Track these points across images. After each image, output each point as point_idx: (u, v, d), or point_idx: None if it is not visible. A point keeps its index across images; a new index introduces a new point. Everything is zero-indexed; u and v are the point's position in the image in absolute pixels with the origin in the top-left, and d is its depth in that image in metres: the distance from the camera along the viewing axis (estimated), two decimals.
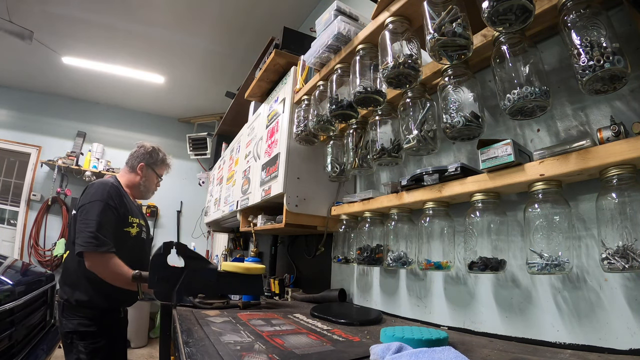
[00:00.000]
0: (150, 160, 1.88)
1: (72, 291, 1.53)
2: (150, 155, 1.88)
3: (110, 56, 3.78)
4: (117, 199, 1.62)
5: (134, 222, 1.70)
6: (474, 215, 0.95)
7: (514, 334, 0.94)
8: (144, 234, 1.79)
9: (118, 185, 1.73)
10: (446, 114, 0.94)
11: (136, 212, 1.76)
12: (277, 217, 1.76)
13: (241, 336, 0.93)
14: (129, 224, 1.66)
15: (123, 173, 1.88)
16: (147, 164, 1.86)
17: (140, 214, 1.81)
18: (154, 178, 1.91)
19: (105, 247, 1.46)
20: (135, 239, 1.69)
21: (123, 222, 1.63)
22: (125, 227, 1.64)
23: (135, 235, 1.69)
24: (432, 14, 0.85)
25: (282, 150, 1.65)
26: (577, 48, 0.68)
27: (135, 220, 1.70)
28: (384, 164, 1.22)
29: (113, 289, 1.51)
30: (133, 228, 1.68)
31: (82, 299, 1.51)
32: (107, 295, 1.55)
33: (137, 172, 1.84)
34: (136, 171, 1.84)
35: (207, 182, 4.11)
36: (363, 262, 1.27)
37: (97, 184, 1.64)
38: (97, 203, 1.54)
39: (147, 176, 1.87)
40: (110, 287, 1.51)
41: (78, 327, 1.50)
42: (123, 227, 1.63)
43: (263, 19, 3.15)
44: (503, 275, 0.98)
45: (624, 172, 0.68)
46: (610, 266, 0.68)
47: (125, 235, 1.63)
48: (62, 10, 3.09)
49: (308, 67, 1.61)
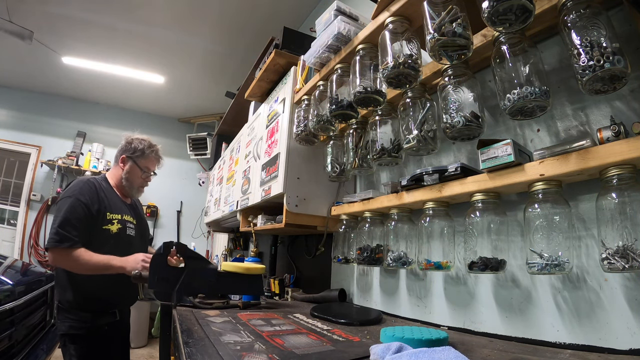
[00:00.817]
0: (130, 151, 1.73)
1: (62, 292, 1.52)
2: (130, 146, 1.74)
3: (110, 56, 3.78)
4: (90, 195, 1.55)
5: (114, 219, 1.60)
6: (474, 215, 0.95)
7: (514, 334, 0.94)
8: (131, 231, 1.69)
9: (98, 182, 1.65)
10: (446, 114, 0.94)
11: (119, 208, 1.66)
12: (277, 217, 1.76)
13: (241, 336, 0.93)
14: (107, 221, 1.58)
15: (112, 169, 1.82)
16: (127, 156, 1.73)
17: (128, 211, 1.72)
18: (137, 171, 1.75)
19: (67, 242, 1.42)
20: (117, 237, 1.60)
21: (99, 219, 1.56)
22: (104, 224, 1.57)
23: (116, 232, 1.60)
24: (432, 14, 0.85)
25: (282, 150, 1.65)
26: (577, 48, 0.68)
27: (115, 217, 1.61)
28: (384, 164, 1.22)
29: (101, 291, 1.49)
30: (113, 225, 1.58)
31: (71, 300, 1.49)
32: (96, 297, 1.51)
33: (120, 166, 1.75)
34: (119, 165, 1.75)
35: (207, 182, 4.11)
36: (363, 262, 1.27)
37: (74, 182, 1.62)
38: (66, 199, 1.51)
39: (130, 170, 1.73)
40: (97, 288, 1.48)
41: (69, 330, 1.47)
42: (101, 224, 1.56)
43: (263, 19, 3.15)
44: (503, 275, 0.98)
45: (624, 172, 0.68)
46: (610, 266, 0.68)
47: (104, 233, 1.56)
48: (62, 10, 3.09)
49: (308, 67, 1.61)
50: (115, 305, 1.60)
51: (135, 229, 1.73)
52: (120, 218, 1.64)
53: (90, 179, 1.65)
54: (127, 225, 1.68)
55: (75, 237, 1.44)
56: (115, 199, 1.70)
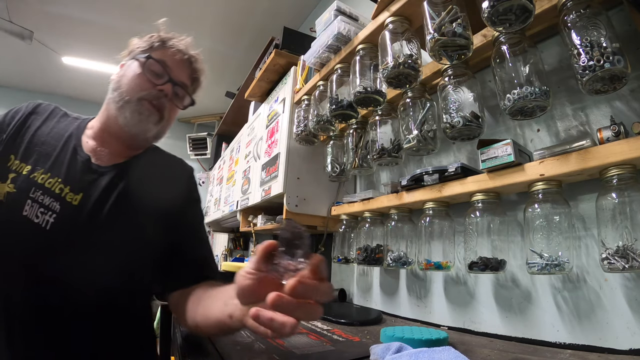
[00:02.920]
0: (129, 55, 0.93)
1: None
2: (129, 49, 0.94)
3: (110, 56, 3.77)
4: (9, 115, 0.87)
5: (18, 170, 0.78)
6: (474, 215, 0.95)
7: (514, 334, 0.94)
8: (46, 214, 0.74)
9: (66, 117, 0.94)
10: (446, 114, 0.94)
11: (55, 166, 0.80)
12: (277, 217, 1.76)
13: (241, 336, 0.93)
14: (5, 169, 0.78)
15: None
16: (126, 60, 0.93)
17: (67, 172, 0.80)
18: (137, 69, 0.87)
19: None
20: (2, 207, 0.74)
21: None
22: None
23: (3, 200, 0.75)
24: (432, 14, 0.85)
25: (282, 150, 1.65)
26: (577, 48, 0.68)
27: (23, 169, 0.78)
28: (384, 164, 1.22)
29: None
30: (4, 183, 0.76)
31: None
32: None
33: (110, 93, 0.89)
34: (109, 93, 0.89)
35: (207, 182, 4.11)
36: (363, 262, 1.27)
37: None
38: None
39: (126, 68, 0.90)
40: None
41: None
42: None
43: (263, 19, 3.14)
44: (503, 275, 0.98)
45: (624, 172, 0.68)
46: (610, 266, 0.68)
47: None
48: (62, 10, 3.09)
49: (308, 67, 1.61)
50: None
51: (66, 213, 0.75)
52: (34, 176, 0.77)
53: (53, 107, 0.96)
54: (44, 198, 0.75)
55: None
56: (68, 151, 0.83)
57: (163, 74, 0.88)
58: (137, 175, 0.87)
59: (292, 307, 0.43)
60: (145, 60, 0.87)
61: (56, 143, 0.84)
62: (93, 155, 0.85)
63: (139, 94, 0.85)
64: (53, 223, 0.74)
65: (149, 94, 0.86)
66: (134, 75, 0.86)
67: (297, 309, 0.44)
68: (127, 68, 0.90)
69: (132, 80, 0.86)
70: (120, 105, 0.85)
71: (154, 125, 0.89)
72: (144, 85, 0.86)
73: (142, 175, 0.88)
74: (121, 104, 0.85)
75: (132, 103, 0.84)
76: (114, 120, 0.87)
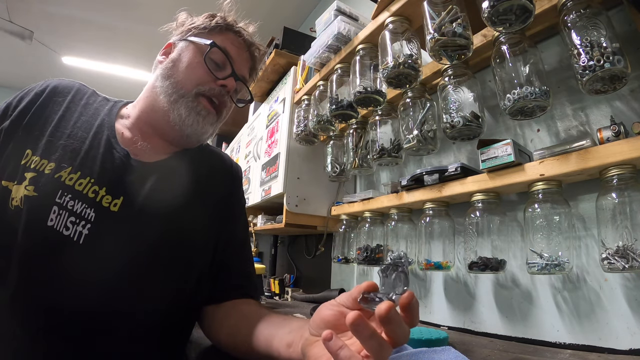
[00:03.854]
0: (180, 34, 0.79)
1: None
2: (182, 27, 0.81)
3: (110, 56, 3.78)
4: (28, 98, 0.70)
5: (38, 167, 0.60)
6: (474, 215, 0.95)
7: (514, 334, 0.94)
8: (75, 224, 0.57)
9: (96, 97, 0.79)
10: (446, 114, 0.94)
11: (71, 156, 0.63)
12: (277, 217, 1.76)
13: None
14: (17, 167, 0.61)
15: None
16: (178, 40, 0.79)
17: (101, 170, 0.63)
18: (195, 54, 0.73)
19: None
20: (19, 215, 0.57)
21: (12, 160, 0.61)
22: (10, 178, 0.60)
23: (19, 208, 0.57)
24: (432, 14, 0.85)
25: (282, 150, 1.65)
26: (577, 48, 0.68)
27: (43, 166, 0.60)
28: (384, 164, 1.22)
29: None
30: (19, 184, 0.58)
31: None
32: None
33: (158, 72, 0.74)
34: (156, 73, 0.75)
35: None
36: (363, 262, 1.27)
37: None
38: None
39: (181, 52, 0.75)
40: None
41: None
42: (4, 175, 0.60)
43: (263, 19, 3.14)
44: (503, 275, 0.98)
45: (624, 172, 0.68)
46: (610, 266, 0.68)
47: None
48: (62, 10, 3.09)
49: (308, 67, 1.61)
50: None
51: (103, 222, 0.60)
52: (59, 176, 0.60)
53: (76, 85, 0.81)
54: (74, 204, 0.59)
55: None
56: (98, 141, 0.67)
57: (226, 65, 0.75)
58: (186, 174, 0.73)
59: (369, 332, 0.36)
60: (208, 46, 0.72)
61: (85, 134, 0.67)
62: (131, 149, 0.69)
63: (197, 88, 0.71)
64: (87, 235, 0.58)
65: (210, 90, 0.72)
66: (193, 63, 0.72)
67: (372, 339, 0.37)
68: (181, 51, 0.74)
69: (190, 69, 0.72)
70: (173, 99, 0.70)
71: (210, 126, 0.75)
72: (204, 78, 0.72)
73: (192, 175, 0.74)
74: (174, 98, 0.70)
75: (188, 98, 0.70)
76: (162, 114, 0.71)
